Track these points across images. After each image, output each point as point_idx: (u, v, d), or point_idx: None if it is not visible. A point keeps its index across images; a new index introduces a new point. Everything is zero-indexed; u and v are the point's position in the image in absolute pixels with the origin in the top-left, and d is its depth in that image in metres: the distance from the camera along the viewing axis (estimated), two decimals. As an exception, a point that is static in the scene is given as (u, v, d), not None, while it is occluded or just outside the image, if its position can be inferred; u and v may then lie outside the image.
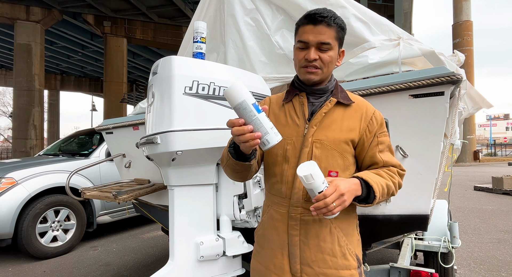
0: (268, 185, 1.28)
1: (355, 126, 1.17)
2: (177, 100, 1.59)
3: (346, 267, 1.15)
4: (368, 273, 2.16)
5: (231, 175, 1.24)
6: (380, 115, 1.23)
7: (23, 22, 14.01)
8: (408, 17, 14.05)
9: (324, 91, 1.22)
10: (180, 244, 1.72)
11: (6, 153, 28.55)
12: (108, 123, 2.71)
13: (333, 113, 1.19)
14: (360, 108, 1.20)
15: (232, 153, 1.13)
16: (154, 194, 2.35)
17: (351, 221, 1.22)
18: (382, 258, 3.85)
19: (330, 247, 1.15)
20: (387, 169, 1.17)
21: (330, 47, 1.14)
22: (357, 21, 2.15)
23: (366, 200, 1.11)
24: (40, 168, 4.25)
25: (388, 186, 1.12)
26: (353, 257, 1.17)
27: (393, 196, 1.17)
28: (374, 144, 1.18)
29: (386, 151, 1.20)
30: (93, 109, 26.91)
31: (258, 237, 1.31)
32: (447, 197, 3.16)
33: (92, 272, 3.62)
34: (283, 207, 1.20)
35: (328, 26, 1.13)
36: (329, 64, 1.17)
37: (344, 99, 1.20)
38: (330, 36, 1.14)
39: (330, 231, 1.16)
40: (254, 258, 1.31)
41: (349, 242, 1.18)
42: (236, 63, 2.37)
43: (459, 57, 2.23)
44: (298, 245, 1.16)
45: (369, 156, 1.19)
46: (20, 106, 14.16)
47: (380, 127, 1.20)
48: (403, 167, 1.21)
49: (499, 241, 4.52)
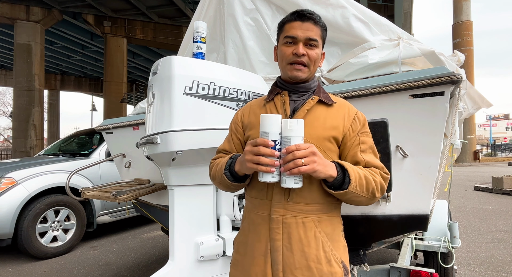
0: (248, 188, 1.23)
1: (338, 124, 1.15)
2: (177, 100, 1.59)
3: (331, 274, 1.09)
4: (368, 273, 2.16)
5: (224, 190, 1.24)
6: (362, 116, 1.22)
7: (23, 22, 14.01)
8: (408, 17, 14.06)
9: (307, 89, 1.22)
10: (180, 244, 1.72)
11: (6, 153, 28.55)
12: (108, 123, 2.71)
13: (316, 111, 1.17)
14: (342, 108, 1.19)
15: (229, 176, 1.14)
16: (154, 194, 2.35)
17: (335, 225, 1.17)
18: (382, 258, 3.85)
19: (315, 253, 1.09)
20: (369, 169, 1.12)
21: (317, 44, 1.17)
22: (357, 21, 2.15)
23: (341, 186, 1.06)
24: (40, 168, 4.25)
25: (367, 179, 1.07)
26: (339, 264, 1.12)
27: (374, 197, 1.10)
28: (355, 144, 1.15)
29: (369, 152, 1.16)
30: (93, 109, 26.90)
31: (238, 244, 1.24)
32: (447, 197, 3.16)
33: (92, 272, 3.62)
34: (264, 210, 1.14)
35: (315, 24, 1.16)
36: (315, 61, 1.18)
37: (326, 99, 1.19)
38: (317, 33, 1.16)
39: (314, 235, 1.10)
40: (233, 267, 1.23)
41: (334, 248, 1.13)
42: (236, 63, 2.37)
43: (459, 57, 2.23)
44: (281, 251, 1.10)
45: (350, 155, 1.15)
46: (20, 106, 14.16)
47: (363, 127, 1.19)
48: (387, 170, 1.16)
49: (499, 241, 4.52)
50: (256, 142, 1.01)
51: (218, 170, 1.17)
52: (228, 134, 1.32)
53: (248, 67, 2.32)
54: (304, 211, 1.11)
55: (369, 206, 1.80)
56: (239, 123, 1.28)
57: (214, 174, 1.21)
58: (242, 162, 1.06)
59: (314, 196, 1.11)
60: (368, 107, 1.66)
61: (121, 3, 14.78)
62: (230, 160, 1.15)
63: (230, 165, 1.14)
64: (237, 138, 1.27)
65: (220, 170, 1.16)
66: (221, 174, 1.15)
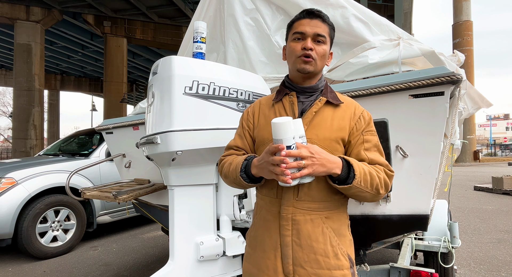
0: (258, 187, 1.27)
1: (345, 125, 1.18)
2: (177, 100, 1.59)
3: (338, 267, 1.15)
4: (368, 273, 2.16)
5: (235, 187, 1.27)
6: (368, 115, 1.23)
7: (23, 22, 14.00)
8: (408, 17, 14.06)
9: (314, 89, 1.24)
10: (180, 244, 1.72)
11: (6, 153, 28.54)
12: (108, 123, 2.71)
13: (323, 112, 1.20)
14: (349, 108, 1.22)
15: (245, 178, 1.17)
16: (154, 194, 2.35)
17: (342, 221, 1.22)
18: (382, 258, 3.85)
19: (323, 247, 1.15)
20: (374, 166, 1.15)
21: (325, 40, 1.20)
22: (357, 21, 2.15)
23: (346, 181, 1.08)
24: (40, 168, 4.25)
25: (372, 175, 1.10)
26: (345, 257, 1.17)
27: (379, 194, 1.13)
28: (359, 142, 1.18)
29: (374, 150, 1.18)
30: (93, 109, 26.90)
31: (250, 238, 1.30)
32: (447, 197, 3.16)
33: (92, 272, 3.62)
34: (274, 208, 1.20)
35: (323, 21, 1.21)
36: (322, 57, 1.21)
37: (334, 99, 1.21)
38: (325, 30, 1.20)
39: (322, 231, 1.16)
40: (246, 260, 1.30)
41: (341, 242, 1.18)
42: (236, 63, 2.37)
43: (459, 57, 2.23)
44: (290, 246, 1.16)
45: (354, 153, 1.17)
46: (20, 106, 14.16)
47: (367, 125, 1.21)
48: (391, 168, 1.18)
49: (499, 241, 4.52)
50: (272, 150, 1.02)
51: (232, 170, 1.19)
52: (239, 130, 1.35)
53: (248, 67, 2.32)
54: (312, 209, 1.16)
55: (369, 206, 1.80)
56: (251, 119, 1.31)
57: (227, 173, 1.23)
58: (260, 168, 1.09)
59: (322, 194, 1.16)
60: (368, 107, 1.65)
61: (121, 3, 14.78)
62: (245, 162, 1.18)
63: (246, 166, 1.16)
64: (249, 135, 1.30)
65: (234, 170, 1.18)
66: (236, 175, 1.17)
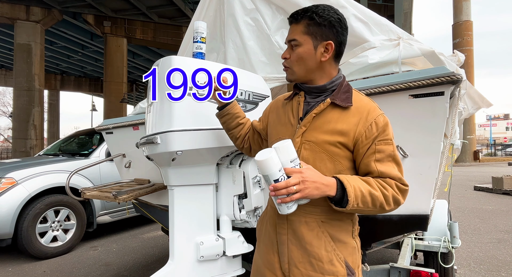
0: None
1: (349, 130, 1.09)
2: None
3: (332, 273, 1.10)
4: (368, 273, 2.16)
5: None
6: (383, 121, 1.11)
7: (23, 22, 13.99)
8: (408, 17, 14.05)
9: (320, 90, 1.18)
10: (180, 244, 1.72)
11: (6, 153, 28.54)
12: (108, 123, 2.71)
13: (327, 115, 1.13)
14: (359, 112, 1.11)
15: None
16: (154, 194, 2.35)
17: (344, 227, 1.16)
18: (382, 258, 3.85)
19: (316, 251, 1.11)
20: (382, 180, 1.06)
21: (297, 43, 1.15)
22: (357, 21, 2.15)
23: (340, 203, 1.03)
24: (40, 168, 4.25)
25: (373, 195, 1.02)
26: (342, 264, 1.11)
27: (384, 210, 1.06)
28: (370, 152, 1.08)
29: (387, 161, 1.08)
30: (93, 109, 26.91)
31: (257, 231, 1.36)
32: (447, 197, 3.16)
33: (92, 272, 3.62)
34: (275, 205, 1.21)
35: (297, 23, 1.16)
36: (297, 61, 1.16)
37: (342, 101, 1.12)
38: (297, 32, 1.15)
39: (317, 235, 1.12)
40: (256, 251, 1.35)
41: (338, 249, 1.13)
42: (236, 63, 2.37)
43: (459, 57, 2.23)
44: (286, 244, 1.17)
45: (364, 164, 1.09)
46: (20, 106, 14.15)
47: (381, 133, 1.09)
48: (405, 181, 1.08)
49: (499, 241, 4.52)
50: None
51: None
52: (262, 115, 1.45)
53: (248, 67, 2.32)
54: (308, 212, 1.14)
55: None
56: (266, 113, 1.41)
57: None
58: None
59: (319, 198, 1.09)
60: (368, 107, 1.66)
61: (121, 3, 14.78)
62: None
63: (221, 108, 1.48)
64: (265, 125, 1.39)
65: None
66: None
